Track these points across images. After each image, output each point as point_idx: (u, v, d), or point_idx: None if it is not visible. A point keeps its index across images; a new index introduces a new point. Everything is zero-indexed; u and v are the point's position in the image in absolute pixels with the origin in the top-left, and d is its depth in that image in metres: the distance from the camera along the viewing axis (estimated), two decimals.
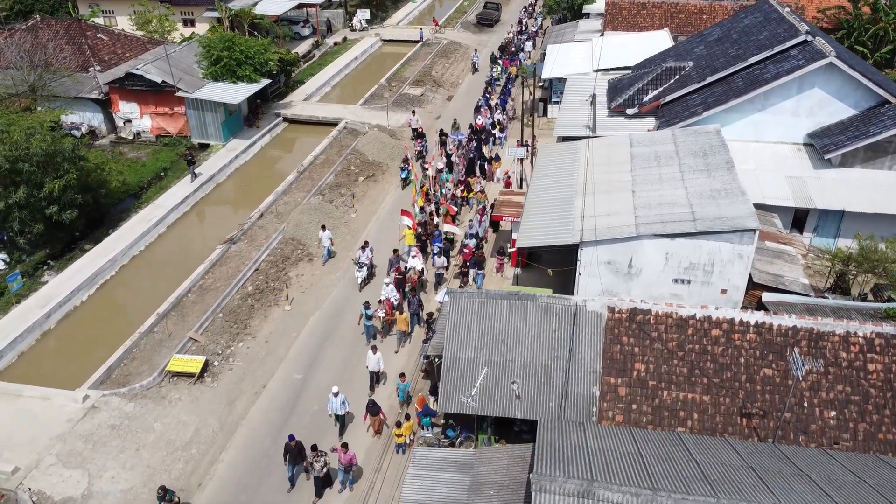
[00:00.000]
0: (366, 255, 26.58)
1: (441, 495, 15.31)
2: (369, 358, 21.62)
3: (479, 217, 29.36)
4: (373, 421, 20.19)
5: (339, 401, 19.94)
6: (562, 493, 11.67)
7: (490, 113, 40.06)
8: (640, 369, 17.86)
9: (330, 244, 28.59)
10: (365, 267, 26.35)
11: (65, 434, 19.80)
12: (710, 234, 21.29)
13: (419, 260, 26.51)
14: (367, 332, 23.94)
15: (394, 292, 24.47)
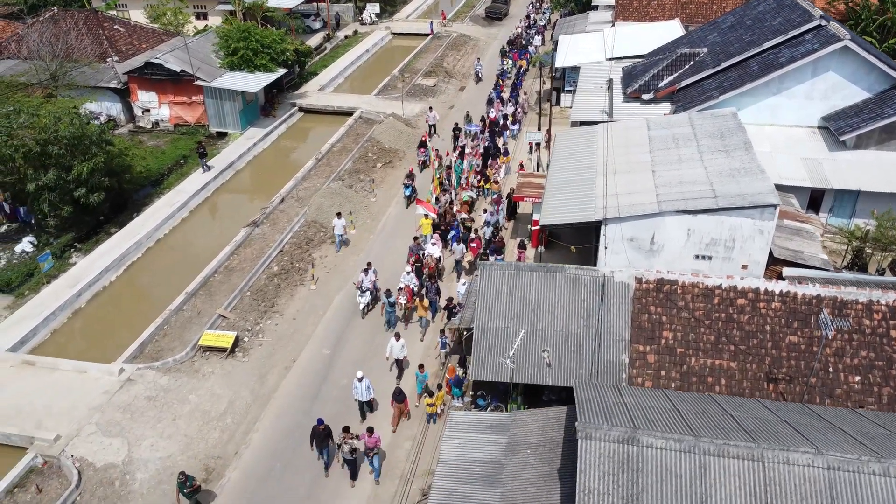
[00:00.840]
0: (368, 278, 24.32)
1: (479, 454, 15.73)
2: (392, 345, 21.35)
3: (495, 206, 29.61)
4: (397, 408, 19.92)
5: (364, 386, 19.76)
6: (607, 439, 12.11)
7: (502, 106, 40.43)
8: (668, 337, 18.30)
9: (343, 232, 28.29)
10: (368, 291, 24.25)
11: (103, 405, 20.23)
12: (732, 209, 21.72)
13: (437, 247, 26.52)
14: (389, 319, 23.84)
15: (413, 279, 24.52)
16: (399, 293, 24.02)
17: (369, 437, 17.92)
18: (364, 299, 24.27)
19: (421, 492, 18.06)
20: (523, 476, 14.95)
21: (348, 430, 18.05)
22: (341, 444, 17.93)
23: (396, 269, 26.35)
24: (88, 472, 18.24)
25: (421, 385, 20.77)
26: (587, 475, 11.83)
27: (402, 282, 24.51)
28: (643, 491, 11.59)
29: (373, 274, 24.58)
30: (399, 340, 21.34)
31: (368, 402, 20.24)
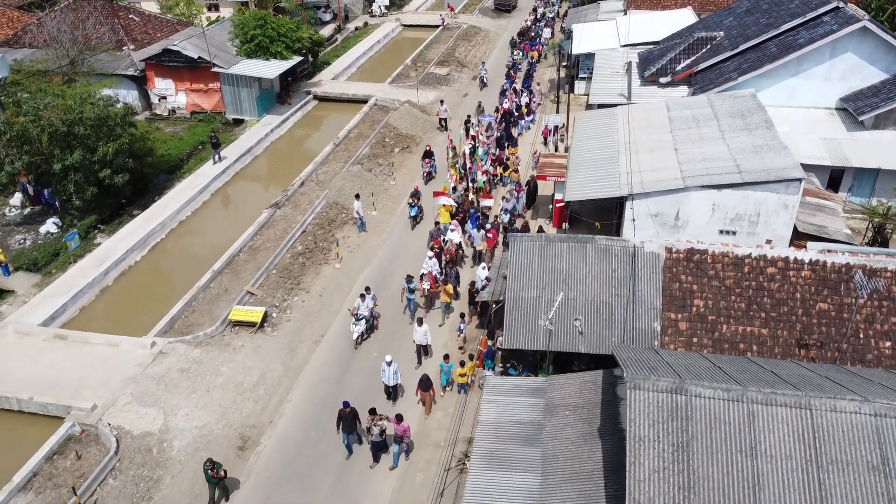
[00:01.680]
0: (366, 304, 22.15)
1: (518, 416, 15.93)
2: (416, 331, 21.14)
3: (515, 193, 29.44)
4: (423, 396, 19.59)
5: (392, 370, 19.55)
6: (655, 389, 12.31)
7: (515, 96, 40.48)
8: (700, 305, 18.50)
9: (363, 213, 28.32)
10: (364, 319, 22.08)
11: (136, 376, 20.43)
12: (757, 184, 21.94)
13: (457, 233, 26.36)
14: (409, 306, 23.35)
15: (436, 265, 24.18)
16: (422, 279, 23.68)
17: (398, 424, 17.51)
18: (359, 328, 21.87)
19: (456, 458, 18.25)
20: (563, 435, 15.15)
21: (375, 412, 17.72)
22: (369, 426, 17.62)
23: (418, 253, 26.48)
24: (126, 440, 18.44)
25: (446, 377, 20.36)
26: (637, 424, 12.02)
27: (425, 267, 24.10)
28: (693, 438, 11.79)
29: (371, 300, 22.27)
30: (422, 326, 21.07)
31: (395, 387, 20.00)
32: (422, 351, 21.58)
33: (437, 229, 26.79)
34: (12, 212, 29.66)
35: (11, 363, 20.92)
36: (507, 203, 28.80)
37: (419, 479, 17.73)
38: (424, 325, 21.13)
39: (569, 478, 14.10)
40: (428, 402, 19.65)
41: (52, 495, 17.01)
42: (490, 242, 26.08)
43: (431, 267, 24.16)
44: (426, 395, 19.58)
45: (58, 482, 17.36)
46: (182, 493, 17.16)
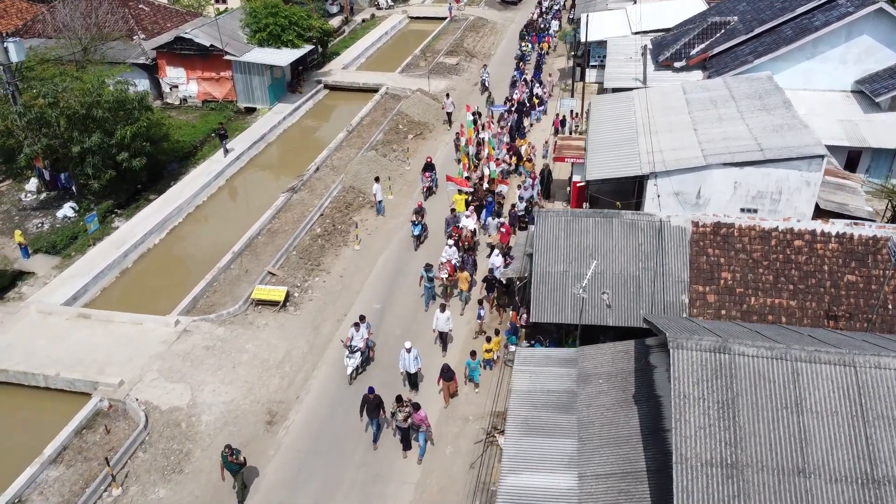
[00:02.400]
0: (360, 335, 19.81)
1: (550, 385, 15.95)
2: (437, 317, 20.57)
3: (531, 181, 29.07)
4: (445, 386, 19.05)
5: (412, 356, 19.03)
6: (698, 349, 12.32)
7: (526, 87, 40.39)
8: (727, 278, 18.53)
9: (382, 196, 28.42)
10: (358, 352, 19.64)
11: (162, 353, 20.43)
12: (779, 161, 21.96)
13: (472, 220, 26.06)
14: (427, 294, 22.97)
15: (455, 253, 23.70)
16: (440, 268, 23.24)
17: (416, 412, 17.03)
18: (353, 361, 19.58)
19: (484, 431, 18.26)
20: (598, 402, 15.16)
21: (401, 399, 17.31)
22: (395, 412, 17.25)
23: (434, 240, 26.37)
24: (154, 415, 18.44)
25: (474, 373, 19.61)
26: (681, 382, 12.04)
27: (444, 256, 23.60)
28: (738, 395, 11.81)
29: (365, 329, 20.06)
30: (444, 312, 20.53)
31: (415, 373, 19.53)
32: (442, 338, 21.06)
33: (454, 216, 26.48)
34: (28, 197, 29.62)
35: (36, 342, 20.91)
36: (525, 192, 28.41)
37: (449, 452, 17.74)
38: (447, 312, 20.60)
39: (606, 442, 14.12)
40: (447, 392, 19.15)
41: (83, 468, 17.00)
42: (504, 238, 25.39)
43: (451, 255, 23.68)
44: (449, 386, 19.07)
45: (88, 455, 17.35)
46: (213, 465, 17.14)
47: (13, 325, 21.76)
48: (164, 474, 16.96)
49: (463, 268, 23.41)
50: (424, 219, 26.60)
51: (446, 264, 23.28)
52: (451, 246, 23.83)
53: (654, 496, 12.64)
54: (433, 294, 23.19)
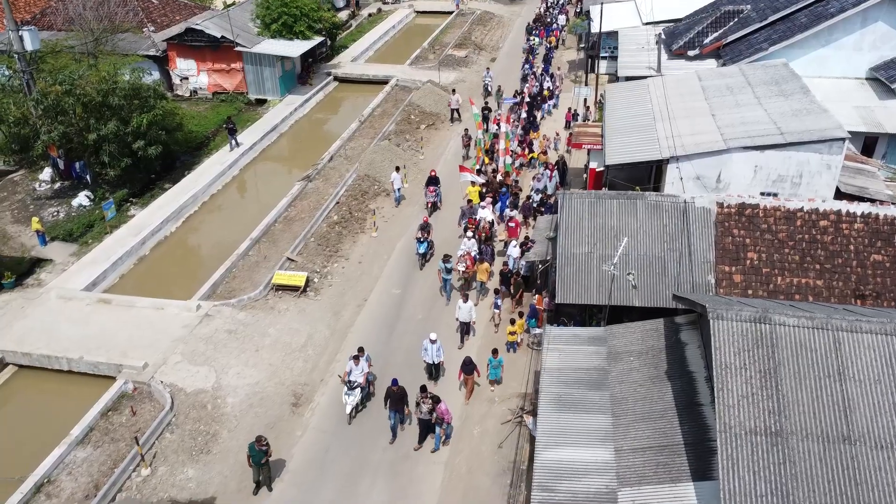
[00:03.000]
0: (360, 368, 17.88)
1: (581, 363, 15.92)
2: (460, 308, 20.17)
3: (548, 174, 28.51)
4: (466, 380, 18.65)
5: (436, 348, 18.62)
6: (738, 319, 12.30)
7: (536, 81, 40.19)
8: (753, 258, 18.51)
9: (402, 185, 28.34)
10: (358, 388, 17.75)
11: (185, 337, 20.39)
12: (800, 144, 21.89)
13: (489, 211, 25.60)
14: (445, 287, 22.59)
15: (474, 245, 23.18)
16: (459, 260, 22.83)
17: (436, 406, 16.73)
18: (352, 399, 17.66)
19: (511, 412, 18.23)
20: (631, 379, 15.14)
21: (425, 389, 17.03)
22: (418, 402, 16.85)
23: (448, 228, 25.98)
24: (180, 397, 18.40)
25: (495, 372, 19.04)
26: (722, 352, 12.02)
27: (463, 248, 23.15)
28: (780, 364, 11.79)
29: (365, 363, 18.08)
30: (467, 302, 20.20)
31: (437, 365, 19.16)
32: (464, 329, 20.73)
33: (470, 207, 25.92)
34: (42, 186, 29.55)
35: (58, 326, 20.86)
36: (539, 183, 28.01)
37: (476, 432, 17.72)
38: (469, 302, 20.30)
39: (640, 418, 14.09)
40: (470, 386, 18.79)
41: (110, 448, 16.95)
42: (512, 232, 24.69)
43: (470, 247, 23.15)
44: (469, 379, 18.69)
45: (115, 437, 17.31)
46: (240, 446, 17.08)
47: (34, 310, 21.72)
48: (192, 455, 16.92)
49: (483, 259, 23.08)
50: (431, 235, 24.74)
51: (465, 256, 22.79)
52: (469, 238, 23.40)
53: (693, 468, 12.61)
54: (451, 287, 22.73)
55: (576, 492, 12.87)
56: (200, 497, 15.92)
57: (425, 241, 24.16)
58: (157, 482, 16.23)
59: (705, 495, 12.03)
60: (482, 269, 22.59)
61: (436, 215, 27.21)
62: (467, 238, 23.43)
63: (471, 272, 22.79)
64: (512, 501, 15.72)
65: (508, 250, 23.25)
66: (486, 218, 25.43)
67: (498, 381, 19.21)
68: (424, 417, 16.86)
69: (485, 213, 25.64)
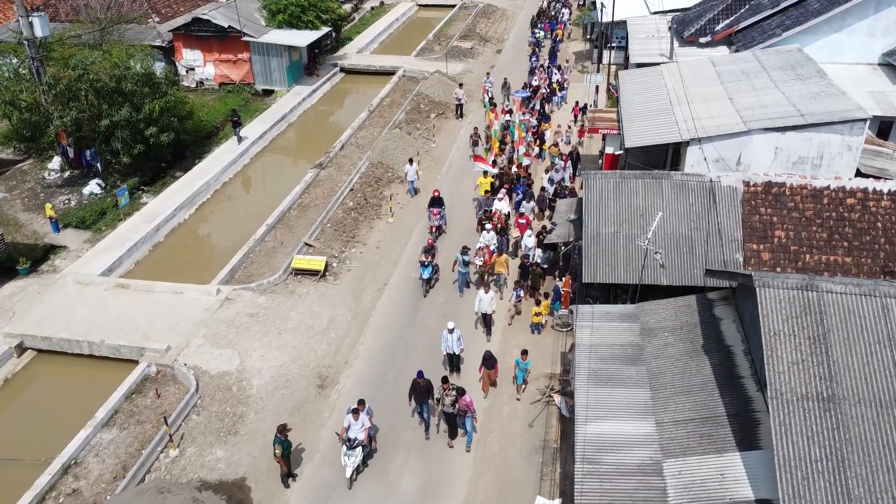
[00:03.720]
0: (360, 424, 15.39)
1: (614, 339, 15.80)
2: (481, 299, 19.41)
3: (562, 163, 27.82)
4: (486, 374, 17.87)
5: (455, 337, 18.02)
6: (785, 287, 12.20)
7: (545, 73, 39.85)
8: (781, 236, 18.44)
9: (416, 178, 27.59)
10: (359, 446, 15.36)
11: (206, 320, 20.17)
12: (821, 125, 21.84)
13: (505, 203, 24.86)
14: (461, 280, 21.80)
15: (493, 238, 22.51)
16: (477, 253, 21.88)
17: (461, 398, 15.92)
18: (353, 460, 15.36)
19: (539, 392, 18.10)
20: (667, 354, 15.03)
21: (447, 380, 16.23)
22: (441, 397, 16.07)
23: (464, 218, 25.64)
24: (204, 379, 18.18)
25: (522, 374, 18.03)
26: (770, 319, 11.92)
27: (482, 241, 22.44)
28: (829, 331, 11.69)
29: (366, 416, 15.57)
30: (488, 293, 19.46)
31: (458, 355, 18.57)
32: (486, 321, 20.03)
33: (487, 199, 25.27)
34: (52, 175, 29.24)
35: (76, 311, 20.61)
36: (557, 175, 27.29)
37: (505, 412, 17.57)
38: (490, 292, 19.60)
39: (680, 391, 13.97)
40: (486, 381, 18.01)
41: (136, 430, 16.73)
42: (522, 228, 23.69)
43: (489, 240, 22.43)
44: (490, 374, 17.86)
45: (140, 419, 17.08)
46: (268, 427, 16.89)
47: (51, 295, 21.46)
48: (220, 436, 16.71)
49: (501, 251, 22.43)
50: (436, 259, 22.31)
51: (484, 249, 21.99)
52: (488, 231, 22.70)
53: (738, 438, 12.50)
54: (468, 280, 22.07)
55: (620, 464, 12.74)
56: (231, 477, 15.71)
57: (430, 266, 21.69)
58: (185, 463, 16.01)
59: (752, 464, 11.93)
60: (500, 261, 21.79)
61: (442, 239, 24.67)
62: (486, 231, 22.78)
63: (488, 266, 22.01)
64: (546, 479, 15.58)
65: (523, 240, 22.74)
66: (503, 210, 24.72)
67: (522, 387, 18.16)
68: (448, 410, 16.10)
69: (500, 205, 24.85)
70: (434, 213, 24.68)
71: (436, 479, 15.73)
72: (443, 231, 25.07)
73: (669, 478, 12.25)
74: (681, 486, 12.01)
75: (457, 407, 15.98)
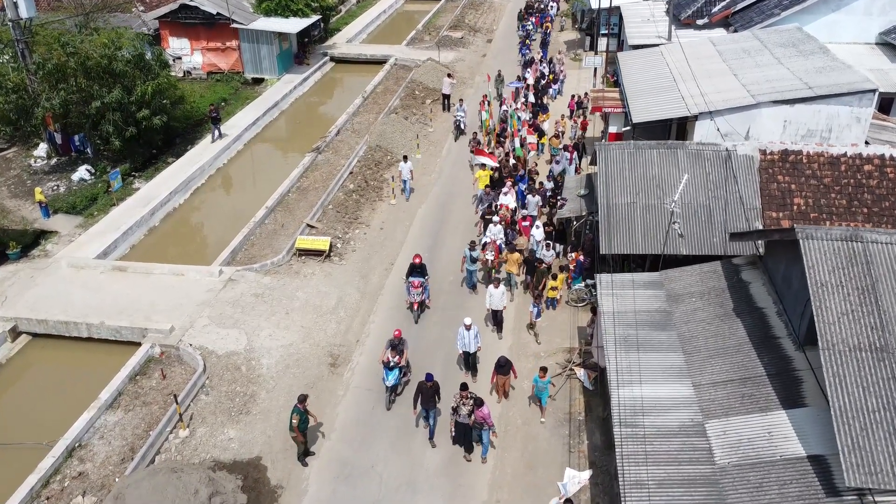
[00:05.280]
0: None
1: (640, 306, 15.37)
2: (491, 294, 18.11)
3: (568, 156, 26.40)
4: (499, 380, 16.32)
5: (472, 335, 16.61)
6: (829, 238, 11.86)
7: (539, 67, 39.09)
8: (800, 203, 18.18)
9: (410, 177, 25.41)
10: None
11: (210, 301, 19.44)
12: (830, 97, 21.71)
13: (511, 197, 23.26)
14: (469, 279, 20.50)
15: (500, 232, 21.12)
16: (485, 248, 20.49)
17: (478, 408, 14.36)
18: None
19: (559, 366, 17.62)
20: (697, 318, 14.63)
21: (466, 387, 14.65)
22: (457, 405, 14.53)
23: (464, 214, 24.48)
24: (212, 359, 17.46)
25: (543, 395, 16.05)
26: (816, 270, 11.56)
27: (488, 235, 21.06)
28: (877, 281, 11.36)
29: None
30: (499, 288, 18.09)
31: (474, 353, 17.18)
32: (496, 318, 18.66)
33: (487, 194, 23.45)
34: (38, 163, 28.19)
35: (72, 294, 19.75)
36: (558, 166, 26.05)
37: (527, 386, 17.04)
38: (501, 287, 18.25)
39: (715, 353, 13.57)
40: (501, 389, 16.46)
41: (143, 412, 15.96)
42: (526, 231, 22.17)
43: (496, 234, 21.01)
44: (505, 382, 16.39)
45: (146, 400, 16.31)
46: (280, 406, 16.25)
47: (44, 279, 20.57)
48: (232, 415, 16.00)
49: (512, 248, 20.73)
50: (406, 356, 16.51)
51: (491, 244, 20.58)
52: (495, 224, 21.22)
53: (781, 396, 12.11)
54: (474, 281, 20.61)
55: (660, 426, 12.29)
56: (245, 457, 15.02)
57: (397, 368, 16.20)
58: (196, 443, 15.28)
59: (800, 421, 11.53)
60: (512, 259, 20.12)
61: (425, 318, 19.51)
62: (493, 224, 21.27)
63: (497, 262, 20.63)
64: (574, 451, 15.10)
65: (532, 232, 21.50)
66: (509, 204, 23.08)
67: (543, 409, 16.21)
68: (463, 421, 14.57)
69: (507, 199, 23.24)
70: (415, 286, 18.90)
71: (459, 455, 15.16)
72: (426, 307, 19.46)
73: (714, 438, 11.82)
74: (727, 446, 11.59)
75: (472, 418, 14.49)
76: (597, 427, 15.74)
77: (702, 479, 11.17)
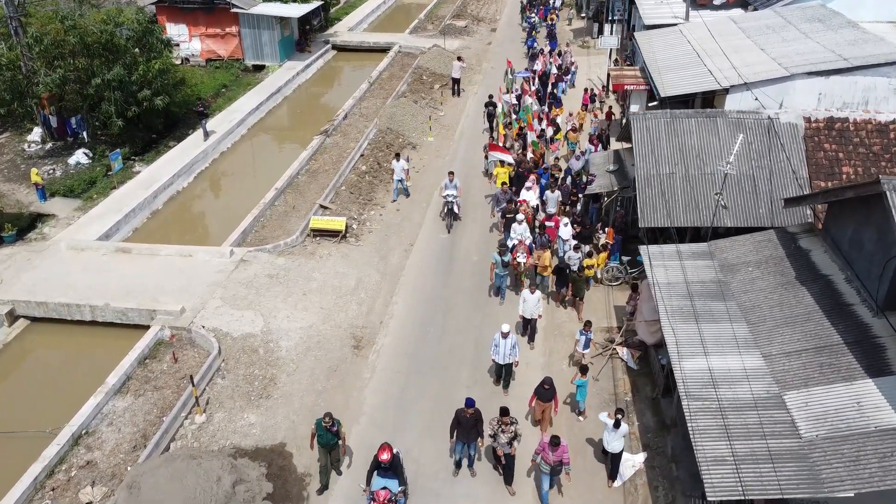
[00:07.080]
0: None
1: (693, 276, 14.33)
2: (525, 300, 16.17)
3: (592, 149, 24.58)
4: (538, 406, 13.97)
5: (510, 344, 14.67)
6: None
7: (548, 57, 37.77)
8: (849, 172, 17.25)
9: (403, 177, 23.21)
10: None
11: (222, 281, 18.24)
12: (867, 67, 20.83)
13: (534, 193, 21.24)
14: (500, 284, 18.30)
15: (526, 231, 19.03)
16: (516, 250, 18.27)
17: (554, 450, 11.97)
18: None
19: (599, 346, 16.52)
20: (757, 287, 13.60)
21: (507, 412, 12.79)
22: (495, 433, 12.72)
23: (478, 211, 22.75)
24: (226, 342, 16.25)
25: (583, 396, 14.58)
26: None
27: (514, 237, 18.94)
28: None
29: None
30: (534, 294, 16.17)
31: (510, 364, 15.11)
32: (528, 326, 16.65)
33: (504, 193, 21.49)
34: (32, 147, 26.84)
35: (73, 276, 18.47)
36: (576, 163, 23.57)
37: (565, 367, 15.94)
38: (537, 293, 16.31)
39: (782, 323, 12.53)
40: (545, 418, 14.04)
41: (154, 397, 14.73)
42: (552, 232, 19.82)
43: (521, 234, 18.83)
44: (545, 407, 13.82)
45: (158, 384, 15.08)
46: (303, 389, 15.08)
47: (42, 261, 19.29)
48: (251, 399, 14.79)
49: (544, 245, 18.80)
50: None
51: (520, 245, 18.38)
52: (520, 223, 19.02)
53: (864, 364, 11.07)
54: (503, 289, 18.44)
55: (732, 398, 11.22)
56: (268, 443, 13.81)
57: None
58: (214, 429, 14.06)
59: (890, 390, 10.49)
60: (546, 257, 18.10)
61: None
62: (517, 223, 19.11)
63: (529, 266, 18.43)
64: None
65: (559, 231, 19.54)
66: (530, 202, 21.00)
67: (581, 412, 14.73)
68: (505, 451, 12.73)
69: (529, 194, 21.25)
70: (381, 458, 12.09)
71: None
72: None
73: (795, 410, 10.76)
74: (812, 418, 10.53)
75: (514, 447, 12.79)
76: (647, 407, 14.67)
77: (789, 454, 10.10)
